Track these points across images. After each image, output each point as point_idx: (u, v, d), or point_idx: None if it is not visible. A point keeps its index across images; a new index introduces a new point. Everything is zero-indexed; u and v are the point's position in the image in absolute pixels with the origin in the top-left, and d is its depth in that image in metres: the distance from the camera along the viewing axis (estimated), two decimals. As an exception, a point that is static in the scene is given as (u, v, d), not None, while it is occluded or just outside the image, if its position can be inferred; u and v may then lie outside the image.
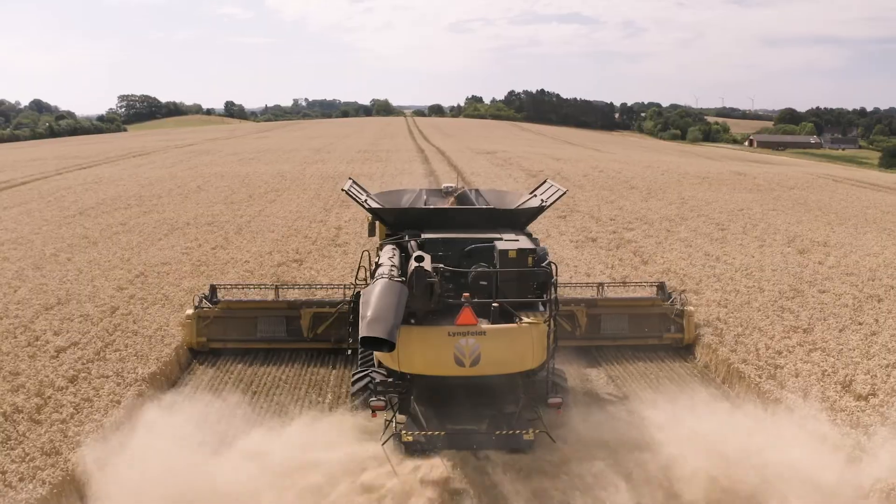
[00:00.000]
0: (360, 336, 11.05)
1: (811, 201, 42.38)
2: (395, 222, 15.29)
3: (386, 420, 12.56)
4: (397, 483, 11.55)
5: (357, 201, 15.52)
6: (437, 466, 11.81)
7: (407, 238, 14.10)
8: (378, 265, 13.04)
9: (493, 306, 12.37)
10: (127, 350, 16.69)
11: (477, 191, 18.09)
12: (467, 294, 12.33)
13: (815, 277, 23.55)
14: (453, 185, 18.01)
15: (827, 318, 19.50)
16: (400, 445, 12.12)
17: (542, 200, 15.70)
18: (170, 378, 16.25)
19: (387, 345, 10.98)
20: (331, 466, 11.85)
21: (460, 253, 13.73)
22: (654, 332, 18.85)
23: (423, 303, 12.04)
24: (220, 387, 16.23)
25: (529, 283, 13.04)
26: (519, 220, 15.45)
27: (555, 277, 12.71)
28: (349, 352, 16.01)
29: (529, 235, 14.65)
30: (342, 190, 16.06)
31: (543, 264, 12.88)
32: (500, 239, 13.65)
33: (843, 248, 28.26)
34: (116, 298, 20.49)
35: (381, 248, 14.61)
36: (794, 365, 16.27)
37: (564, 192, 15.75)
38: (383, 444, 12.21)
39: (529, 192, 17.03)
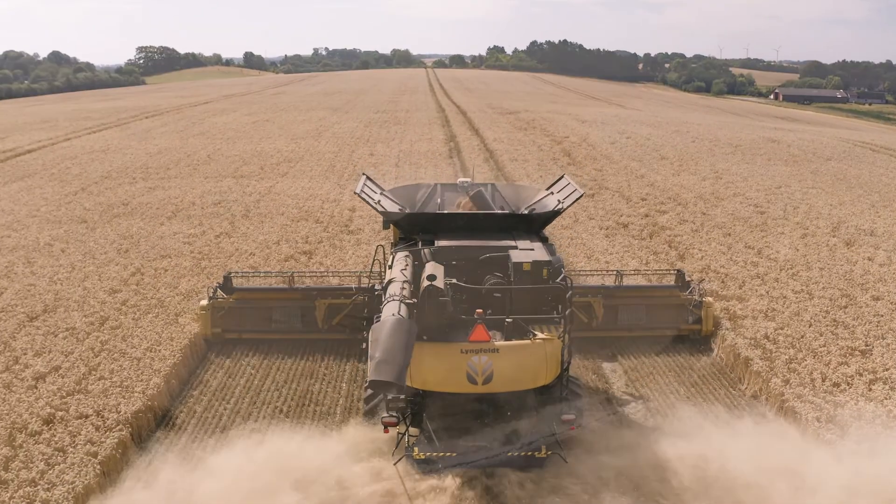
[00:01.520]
0: (368, 379, 10.76)
1: (851, 176, 39.97)
2: (409, 226, 15.22)
3: (399, 433, 12.31)
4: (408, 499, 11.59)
5: (370, 204, 15.36)
6: (448, 481, 11.82)
7: (420, 246, 14.00)
8: (390, 280, 12.70)
9: (507, 321, 12.16)
10: (111, 378, 15.11)
11: (493, 185, 17.96)
12: (480, 311, 12.07)
13: (867, 279, 21.67)
14: (469, 179, 18.05)
15: (885, 334, 17.80)
16: (412, 462, 12.09)
17: (559, 200, 15.61)
18: (157, 414, 14.64)
19: (395, 387, 10.68)
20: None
21: (475, 261, 13.57)
22: (672, 323, 18.47)
23: (435, 318, 11.94)
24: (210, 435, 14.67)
25: (545, 295, 12.81)
26: (535, 223, 15.30)
27: (570, 292, 12.49)
28: (364, 345, 15.72)
29: (545, 240, 14.61)
30: (354, 192, 15.64)
31: (559, 279, 12.71)
32: (515, 247, 13.59)
33: (892, 239, 26.21)
34: (107, 305, 18.94)
35: (394, 252, 14.43)
36: (854, 402, 14.54)
37: (582, 195, 15.71)
38: (395, 463, 12.11)
39: (546, 189, 17.09)
